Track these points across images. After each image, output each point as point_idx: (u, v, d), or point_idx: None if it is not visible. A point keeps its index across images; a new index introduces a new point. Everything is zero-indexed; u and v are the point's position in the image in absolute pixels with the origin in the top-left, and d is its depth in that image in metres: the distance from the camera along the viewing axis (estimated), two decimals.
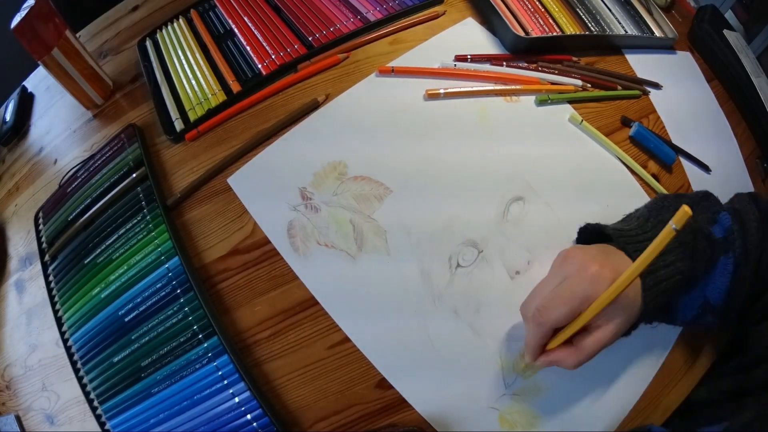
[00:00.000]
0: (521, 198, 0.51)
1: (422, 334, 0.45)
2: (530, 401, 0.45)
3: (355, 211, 0.49)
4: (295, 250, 0.47)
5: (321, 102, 0.54)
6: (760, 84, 0.67)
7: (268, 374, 0.45)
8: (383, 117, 0.53)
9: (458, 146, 0.53)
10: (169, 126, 0.55)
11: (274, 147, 0.52)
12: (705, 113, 0.65)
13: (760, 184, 0.62)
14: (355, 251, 0.47)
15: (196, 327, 0.45)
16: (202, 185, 0.52)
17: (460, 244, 0.48)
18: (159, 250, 0.48)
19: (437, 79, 0.56)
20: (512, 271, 0.48)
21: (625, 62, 0.65)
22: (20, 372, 0.54)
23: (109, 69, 0.64)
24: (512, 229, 0.49)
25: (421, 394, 0.44)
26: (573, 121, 0.56)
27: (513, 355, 0.45)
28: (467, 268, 0.47)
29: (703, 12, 0.73)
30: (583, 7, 0.66)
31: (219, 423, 0.43)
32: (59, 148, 0.63)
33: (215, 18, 0.64)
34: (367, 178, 0.50)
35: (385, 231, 0.48)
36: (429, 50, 0.58)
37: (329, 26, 0.60)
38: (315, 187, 0.50)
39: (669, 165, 0.57)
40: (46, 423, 0.51)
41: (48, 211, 0.57)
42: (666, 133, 0.60)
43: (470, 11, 0.63)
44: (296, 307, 0.46)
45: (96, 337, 0.49)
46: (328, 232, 0.48)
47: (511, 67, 0.58)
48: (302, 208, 0.49)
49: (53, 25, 0.55)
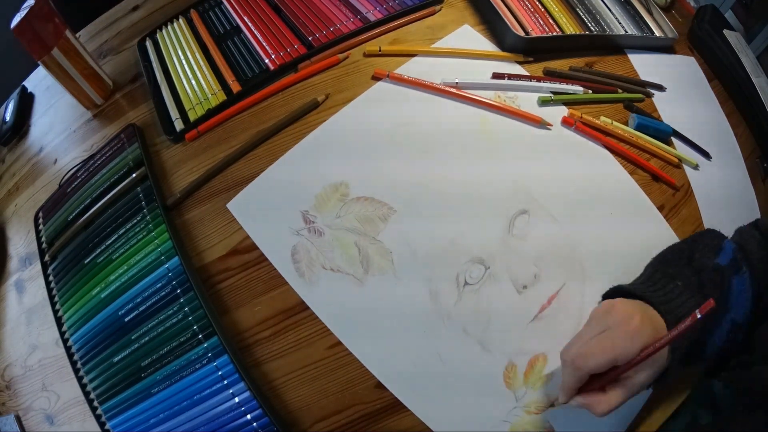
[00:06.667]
0: (526, 211, 0.50)
1: (433, 353, 0.45)
2: (540, 413, 0.45)
3: (360, 233, 0.48)
4: (301, 276, 0.47)
5: (321, 102, 0.54)
6: (760, 84, 0.67)
7: (268, 374, 0.45)
8: (382, 135, 0.53)
9: (460, 161, 0.52)
10: (168, 126, 0.55)
11: (272, 170, 0.51)
12: (706, 114, 0.65)
13: (760, 184, 0.62)
14: (362, 275, 0.47)
15: (196, 327, 0.45)
16: (202, 185, 0.52)
17: (466, 261, 0.48)
18: (159, 250, 0.48)
19: (435, 94, 0.56)
20: (519, 286, 0.48)
21: (627, 62, 0.65)
22: (20, 372, 0.54)
23: (109, 69, 0.64)
24: (518, 243, 0.49)
25: (434, 412, 0.44)
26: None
27: (522, 368, 0.45)
28: (475, 286, 0.47)
29: (703, 12, 0.73)
30: (583, 7, 0.66)
31: (219, 423, 0.43)
32: (59, 148, 0.63)
33: (215, 18, 0.64)
34: (370, 199, 0.50)
35: (391, 252, 0.48)
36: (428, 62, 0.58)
37: (329, 26, 0.60)
38: (317, 210, 0.49)
39: (667, 140, 0.58)
40: (46, 423, 0.51)
41: (48, 211, 0.57)
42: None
43: (469, 11, 0.63)
44: (296, 307, 0.46)
45: (96, 337, 0.48)
46: (333, 256, 0.47)
47: (514, 78, 0.58)
48: (305, 233, 0.48)
49: (53, 25, 0.55)
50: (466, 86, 0.56)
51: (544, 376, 0.45)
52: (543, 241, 0.50)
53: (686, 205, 0.55)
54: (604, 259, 0.50)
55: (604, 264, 0.49)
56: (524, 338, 0.46)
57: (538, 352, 0.46)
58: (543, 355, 0.46)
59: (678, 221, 0.54)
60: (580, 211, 0.51)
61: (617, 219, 0.52)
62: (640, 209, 0.53)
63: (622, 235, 0.51)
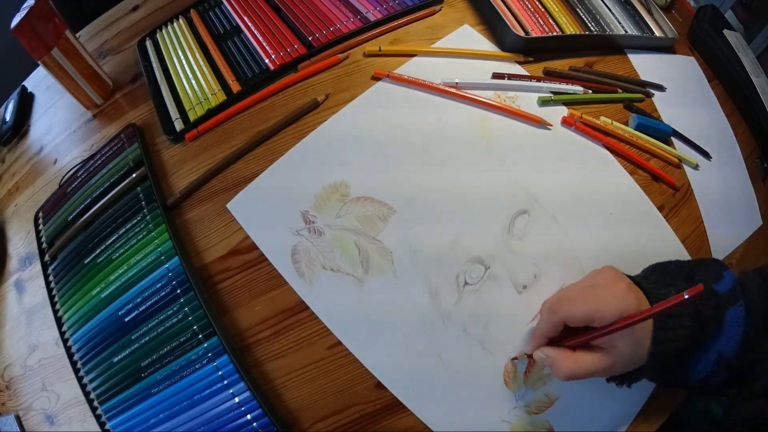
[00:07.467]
0: (526, 211, 0.50)
1: (433, 353, 0.45)
2: (541, 412, 0.45)
3: (360, 233, 0.48)
4: (301, 276, 0.47)
5: (321, 102, 0.54)
6: (760, 84, 0.67)
7: (268, 374, 0.45)
8: (382, 135, 0.53)
9: (460, 161, 0.52)
10: (168, 126, 0.55)
11: (272, 170, 0.51)
12: (706, 114, 0.65)
13: (760, 184, 0.62)
14: (362, 275, 0.47)
15: (196, 327, 0.45)
16: (202, 185, 0.52)
17: (466, 261, 0.48)
18: (159, 250, 0.48)
19: (435, 94, 0.56)
20: (519, 286, 0.48)
21: (627, 62, 0.65)
22: (20, 372, 0.54)
23: (109, 69, 0.64)
24: (518, 244, 0.49)
25: (434, 412, 0.44)
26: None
27: (522, 367, 0.45)
28: (475, 286, 0.47)
29: (703, 12, 0.73)
30: (583, 7, 0.66)
31: (219, 423, 0.43)
32: (59, 148, 0.63)
33: (215, 18, 0.64)
34: (370, 199, 0.49)
35: (391, 252, 0.48)
36: (428, 62, 0.58)
37: (329, 26, 0.60)
38: (317, 210, 0.49)
39: (667, 140, 0.59)
40: (46, 423, 0.51)
41: (48, 211, 0.57)
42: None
43: (469, 11, 0.63)
44: (296, 307, 0.46)
45: (96, 337, 0.48)
46: (333, 256, 0.47)
47: (514, 79, 0.58)
48: (305, 233, 0.48)
49: (53, 25, 0.55)
50: (466, 86, 0.56)
51: (544, 376, 0.45)
52: (543, 241, 0.50)
53: (686, 205, 0.55)
54: (604, 259, 0.49)
55: (604, 264, 0.49)
56: (524, 338, 0.46)
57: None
58: None
59: (678, 221, 0.54)
60: (580, 211, 0.51)
61: (617, 219, 0.52)
62: (640, 209, 0.53)
63: (622, 235, 0.51)
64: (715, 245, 0.55)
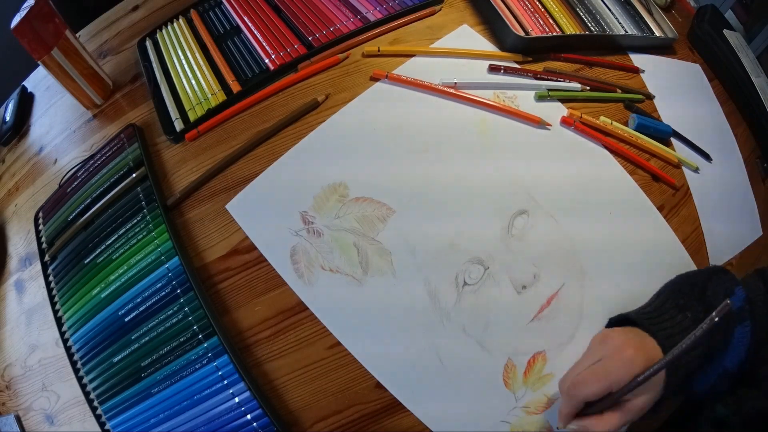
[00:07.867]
0: (525, 211, 0.50)
1: (432, 354, 0.45)
2: (540, 412, 0.45)
3: (359, 234, 0.48)
4: (300, 277, 0.47)
5: (321, 102, 0.54)
6: (760, 84, 0.67)
7: (268, 374, 0.45)
8: (381, 136, 0.53)
9: (459, 161, 0.52)
10: (168, 126, 0.55)
11: (272, 171, 0.51)
12: (706, 114, 0.65)
13: (760, 184, 0.62)
14: (361, 275, 0.47)
15: (196, 327, 0.45)
16: (202, 185, 0.52)
17: (466, 261, 0.48)
18: (159, 250, 0.48)
19: (434, 95, 0.56)
20: (519, 286, 0.48)
21: (628, 61, 0.64)
22: (20, 372, 0.54)
23: (109, 69, 0.64)
24: (517, 244, 0.49)
25: (434, 412, 0.44)
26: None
27: (522, 368, 0.45)
28: (474, 286, 0.47)
29: (703, 12, 0.73)
30: (583, 7, 0.66)
31: (219, 423, 0.43)
32: (59, 148, 0.63)
33: (215, 18, 0.64)
34: (369, 199, 0.49)
35: (390, 252, 0.48)
36: (427, 62, 0.58)
37: (329, 26, 0.60)
38: (316, 211, 0.49)
39: (666, 140, 0.59)
40: (46, 423, 0.51)
41: (48, 211, 0.57)
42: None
43: (469, 11, 0.63)
44: (296, 307, 0.46)
45: (96, 337, 0.49)
46: (332, 257, 0.47)
47: (510, 73, 0.58)
48: (304, 233, 0.48)
49: (53, 25, 0.55)
50: (465, 86, 0.56)
51: (543, 376, 0.45)
52: (542, 241, 0.49)
53: (686, 205, 0.55)
54: (603, 259, 0.50)
55: (603, 264, 0.49)
56: (524, 338, 0.46)
57: (537, 352, 0.46)
58: (542, 355, 0.46)
59: (678, 221, 0.54)
60: (579, 211, 0.51)
61: (617, 219, 0.52)
62: (639, 209, 0.53)
63: (621, 235, 0.51)
64: (713, 247, 0.55)
